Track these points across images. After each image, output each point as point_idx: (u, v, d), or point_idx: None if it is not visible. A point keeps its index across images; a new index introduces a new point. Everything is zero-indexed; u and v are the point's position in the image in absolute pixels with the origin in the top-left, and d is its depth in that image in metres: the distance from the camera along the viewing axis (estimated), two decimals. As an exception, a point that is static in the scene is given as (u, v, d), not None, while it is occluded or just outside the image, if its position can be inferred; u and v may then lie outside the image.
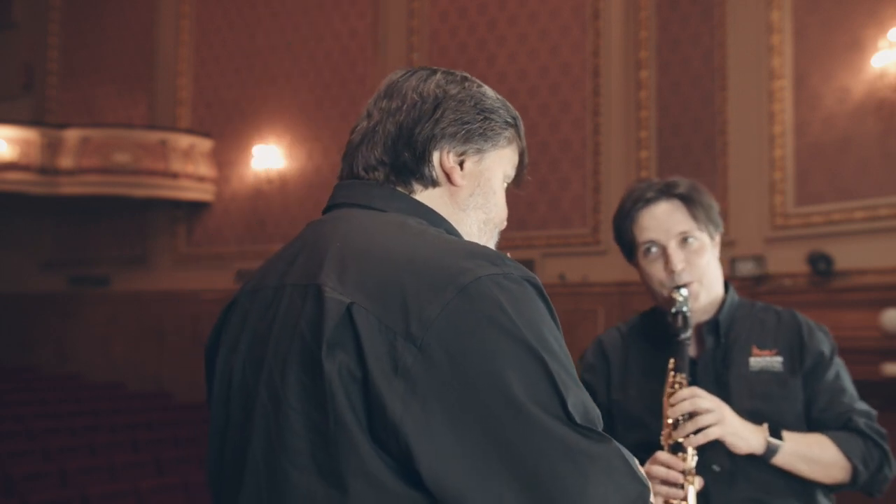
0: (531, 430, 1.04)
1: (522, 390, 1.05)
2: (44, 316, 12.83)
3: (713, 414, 1.87)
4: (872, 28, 7.14)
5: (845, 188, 7.29)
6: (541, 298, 1.15)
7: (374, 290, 1.11)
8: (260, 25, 11.77)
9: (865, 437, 1.96)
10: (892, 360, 6.46)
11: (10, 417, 8.68)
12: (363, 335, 1.08)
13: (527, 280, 1.15)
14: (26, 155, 11.38)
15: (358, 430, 1.08)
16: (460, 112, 1.32)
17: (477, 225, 1.35)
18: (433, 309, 1.08)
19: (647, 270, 2.09)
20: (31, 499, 6.35)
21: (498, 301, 1.09)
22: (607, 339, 2.22)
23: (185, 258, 12.10)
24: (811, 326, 2.08)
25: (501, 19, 9.93)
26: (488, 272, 1.11)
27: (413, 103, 1.32)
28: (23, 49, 13.39)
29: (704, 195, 2.10)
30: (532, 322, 1.10)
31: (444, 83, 1.34)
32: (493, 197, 1.37)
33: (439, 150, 1.31)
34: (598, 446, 1.07)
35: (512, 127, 1.38)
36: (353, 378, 1.08)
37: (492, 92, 1.39)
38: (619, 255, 2.29)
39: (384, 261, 1.14)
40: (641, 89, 8.97)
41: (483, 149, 1.34)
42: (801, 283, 7.27)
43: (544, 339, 1.10)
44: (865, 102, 7.17)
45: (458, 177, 1.32)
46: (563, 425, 1.05)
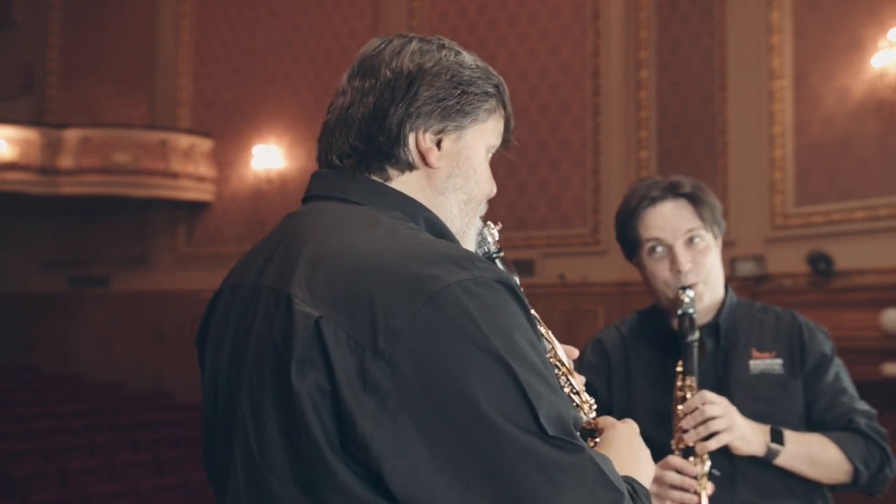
0: (502, 444, 1.02)
1: (492, 404, 1.03)
2: (44, 316, 12.83)
3: (724, 420, 1.87)
4: (872, 28, 7.14)
5: (845, 188, 7.29)
6: (515, 300, 1.12)
7: (342, 302, 1.08)
8: (260, 25, 11.77)
9: (866, 438, 1.96)
10: (892, 360, 6.46)
11: (10, 417, 8.68)
12: (332, 351, 1.06)
13: (499, 282, 1.11)
14: (26, 155, 11.38)
15: (328, 447, 1.06)
16: (436, 87, 1.26)
17: (457, 206, 1.30)
18: (401, 321, 1.05)
19: (651, 270, 2.07)
20: (31, 499, 6.35)
21: (466, 310, 1.05)
22: (607, 337, 2.21)
23: (185, 258, 12.10)
24: (811, 328, 2.08)
25: (501, 19, 9.93)
26: (457, 278, 1.07)
27: (386, 81, 1.25)
28: (23, 49, 13.39)
29: (710, 195, 2.09)
30: (503, 329, 1.07)
31: (419, 55, 1.27)
32: (474, 175, 1.31)
33: (415, 130, 1.25)
34: (570, 457, 1.05)
35: (493, 96, 1.32)
36: (323, 394, 1.06)
37: (471, 59, 1.32)
38: (619, 255, 2.29)
39: (353, 267, 1.11)
40: (641, 89, 8.96)
41: (462, 125, 1.28)
42: (801, 283, 7.27)
43: (516, 346, 1.07)
44: (865, 102, 7.17)
45: (434, 158, 1.27)
46: (535, 437, 1.03)
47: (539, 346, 1.12)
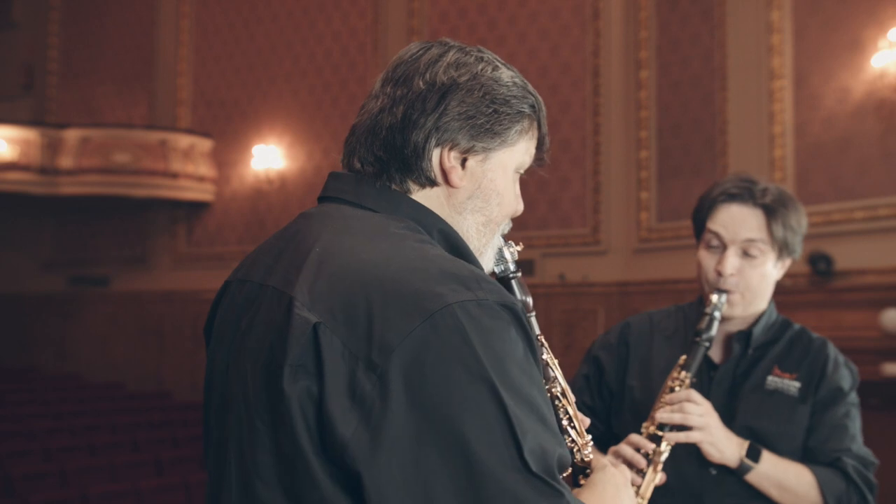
0: (480, 477, 0.99)
1: (476, 434, 1.00)
2: (44, 316, 12.83)
3: (700, 418, 1.88)
4: (872, 28, 7.14)
5: (845, 188, 7.29)
6: (517, 327, 1.08)
7: (341, 310, 1.07)
8: (260, 25, 11.77)
9: (849, 481, 1.93)
10: (892, 360, 6.46)
11: (10, 417, 8.68)
12: (325, 358, 1.05)
13: (503, 306, 1.07)
14: (26, 155, 11.38)
15: (313, 455, 1.05)
16: (467, 104, 1.22)
17: (475, 227, 1.27)
18: (396, 336, 1.02)
19: (701, 260, 2.06)
20: (31, 499, 6.34)
21: (464, 332, 1.02)
22: (635, 324, 2.19)
23: (185, 258, 12.10)
24: (838, 361, 2.05)
25: (501, 19, 9.93)
26: (459, 298, 1.04)
27: (418, 93, 1.22)
28: (23, 49, 13.39)
29: (793, 215, 2.02)
30: (499, 356, 1.04)
31: (455, 68, 1.23)
32: (497, 198, 1.27)
33: (440, 146, 1.22)
34: (548, 501, 1.01)
35: (528, 116, 1.27)
36: (311, 401, 1.05)
37: (509, 75, 1.26)
38: (619, 255, 2.29)
39: (356, 276, 1.09)
40: (641, 89, 8.96)
41: (490, 146, 1.24)
42: (801, 283, 7.27)
43: (509, 375, 1.03)
44: (865, 102, 7.17)
45: (456, 178, 1.24)
46: (516, 474, 1.00)
47: (537, 377, 1.09)
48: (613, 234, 9.00)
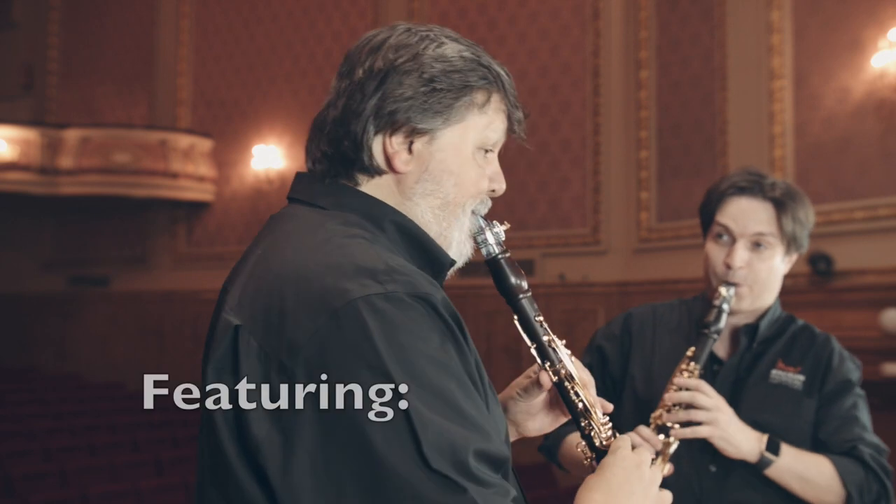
0: (382, 475, 0.97)
1: (376, 431, 0.98)
2: (44, 316, 12.83)
3: (707, 413, 1.87)
4: (872, 28, 7.14)
5: (845, 188, 7.29)
6: (434, 317, 1.05)
7: (261, 311, 1.07)
8: (260, 25, 11.77)
9: (867, 468, 1.93)
10: (892, 360, 6.46)
11: (10, 417, 8.68)
12: (242, 360, 1.05)
13: (417, 297, 1.05)
14: (26, 155, 11.38)
15: (234, 456, 1.06)
16: (404, 87, 1.18)
17: (430, 212, 1.22)
18: (303, 336, 1.02)
19: (709, 252, 2.05)
20: (31, 499, 6.34)
21: (366, 327, 1.00)
22: (638, 315, 2.19)
23: (185, 258, 12.10)
24: (843, 355, 2.06)
25: (501, 19, 9.93)
26: (366, 293, 1.02)
27: (358, 83, 1.20)
28: (23, 49, 13.39)
29: (802, 209, 2.03)
30: (405, 348, 1.01)
31: (394, 51, 1.19)
32: (451, 178, 1.21)
33: (382, 134, 1.19)
34: (449, 497, 0.97)
35: (480, 89, 1.21)
36: (231, 403, 1.06)
37: (455, 49, 1.21)
38: (619, 255, 2.29)
39: (276, 277, 1.09)
40: (641, 89, 8.96)
41: (432, 127, 1.19)
42: (801, 283, 7.26)
43: (416, 367, 1.00)
44: (865, 102, 7.17)
45: (400, 163, 1.20)
46: (416, 470, 0.97)
47: (456, 367, 1.05)
48: (613, 234, 9.00)
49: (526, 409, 1.39)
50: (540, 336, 1.31)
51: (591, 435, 1.30)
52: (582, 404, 1.30)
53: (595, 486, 1.20)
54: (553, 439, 2.09)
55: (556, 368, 1.30)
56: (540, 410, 1.39)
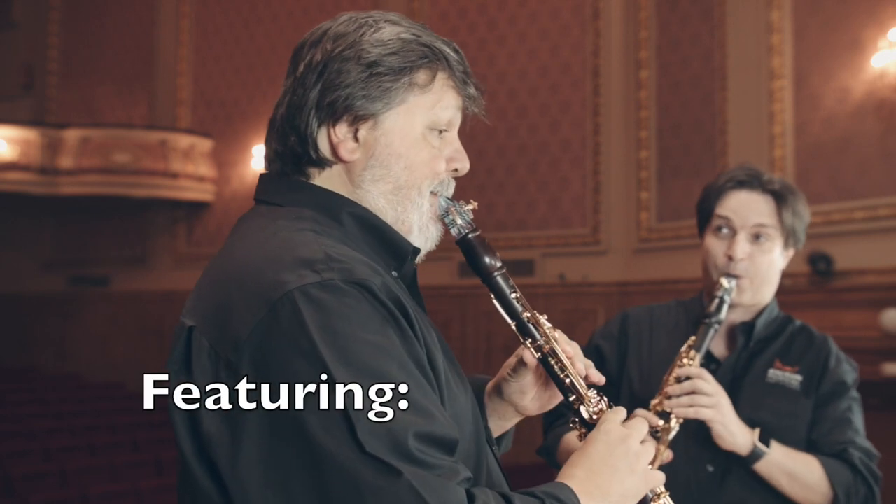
0: (321, 463, 0.98)
1: (314, 420, 0.99)
2: (44, 316, 12.83)
3: (710, 398, 1.87)
4: (872, 28, 7.14)
5: (845, 188, 7.29)
6: (372, 302, 1.05)
7: (210, 311, 1.09)
8: (260, 25, 11.77)
9: (856, 472, 1.93)
10: (892, 360, 6.45)
11: (10, 417, 8.68)
12: (194, 360, 1.07)
13: (355, 283, 1.05)
14: (26, 155, 11.37)
15: (191, 455, 1.08)
16: (343, 75, 1.17)
17: (383, 198, 1.21)
18: (244, 330, 1.03)
19: (709, 246, 2.05)
20: (31, 499, 6.34)
21: (300, 317, 1.01)
22: (634, 315, 2.20)
23: (185, 258, 12.10)
24: (840, 357, 2.06)
25: (501, 19, 9.93)
26: (301, 283, 1.03)
27: (300, 78, 1.21)
28: (23, 49, 13.39)
29: (800, 204, 2.05)
30: (340, 335, 1.01)
31: (332, 41, 1.20)
32: (400, 161, 1.20)
33: (325, 125, 1.19)
34: (383, 480, 0.97)
35: (420, 68, 1.19)
36: (187, 403, 1.07)
37: (393, 32, 1.20)
38: (619, 255, 2.29)
39: (224, 276, 1.11)
40: (641, 89, 8.96)
41: (374, 111, 1.18)
42: (801, 283, 7.26)
43: (352, 353, 1.01)
44: (865, 102, 7.17)
45: (345, 152, 1.20)
46: (352, 455, 0.98)
47: (397, 351, 1.05)
48: (613, 234, 9.00)
49: (519, 389, 1.37)
50: (519, 313, 1.28)
51: (580, 409, 1.27)
52: (568, 379, 1.27)
53: (577, 462, 1.18)
54: (552, 440, 2.09)
55: (538, 344, 1.28)
56: (533, 388, 1.37)
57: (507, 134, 9.70)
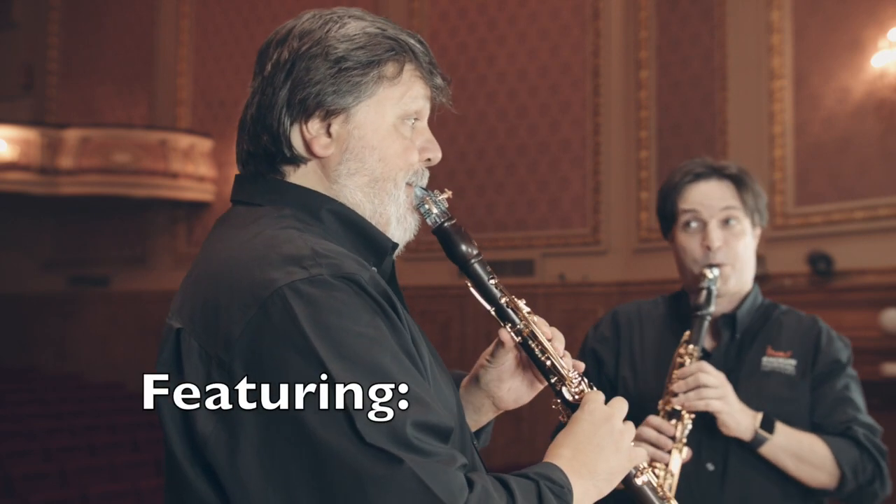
0: (322, 456, 0.99)
1: (311, 413, 0.99)
2: (44, 316, 12.83)
3: (717, 390, 1.87)
4: (872, 28, 7.14)
5: (845, 188, 7.29)
6: (362, 296, 1.06)
7: (199, 312, 1.09)
8: (260, 25, 11.76)
9: (862, 448, 1.93)
10: (892, 360, 6.45)
11: (10, 417, 8.68)
12: (185, 361, 1.07)
13: (342, 277, 1.06)
14: (26, 155, 11.37)
15: (182, 456, 1.08)
16: (311, 72, 1.18)
17: (360, 191, 1.22)
18: (236, 329, 1.04)
19: (682, 244, 2.06)
20: (31, 499, 6.35)
21: (291, 313, 1.02)
22: (623, 312, 2.20)
23: (185, 258, 12.09)
24: (831, 334, 2.06)
25: (501, 19, 9.93)
26: (290, 279, 1.04)
27: (268, 78, 1.21)
28: (23, 49, 13.39)
29: (755, 183, 2.09)
30: (333, 329, 1.02)
31: (298, 39, 1.20)
32: (373, 153, 1.21)
33: (297, 122, 1.20)
34: (385, 469, 0.98)
35: (389, 61, 1.21)
36: (177, 405, 1.07)
37: (358, 27, 1.21)
38: (619, 255, 2.29)
39: (210, 277, 1.11)
40: (641, 89, 8.96)
41: (344, 106, 1.19)
42: (801, 283, 7.26)
43: (346, 347, 1.02)
44: (865, 102, 7.17)
45: (319, 148, 1.20)
46: (352, 446, 0.99)
47: (388, 342, 1.06)
48: (613, 234, 8.99)
49: (497, 376, 1.38)
50: (497, 298, 1.31)
51: (562, 390, 1.29)
52: (549, 361, 1.30)
53: (563, 442, 1.21)
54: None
55: (517, 328, 1.31)
56: (511, 376, 1.39)
57: (507, 134, 9.70)
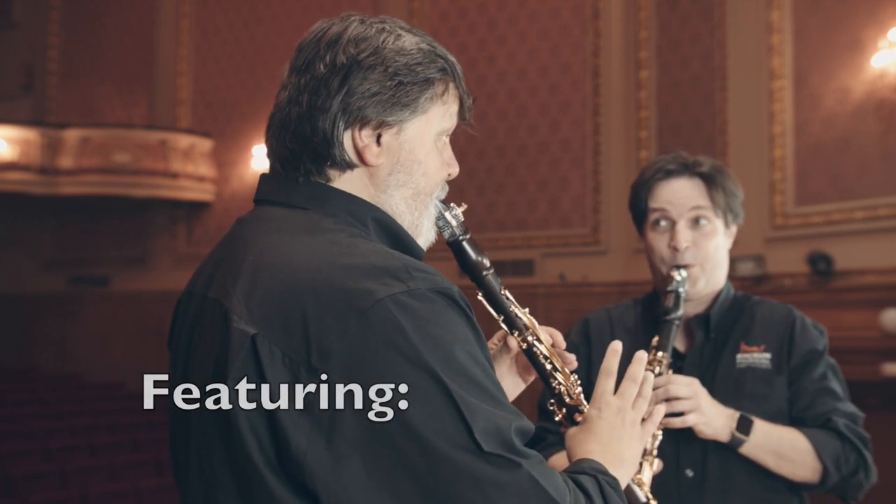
0: (436, 463, 1.01)
1: (425, 423, 1.01)
2: (44, 316, 12.83)
3: (689, 402, 1.84)
4: (872, 28, 7.14)
5: (845, 188, 7.29)
6: (456, 309, 1.09)
7: (277, 318, 1.07)
8: (260, 25, 11.77)
9: (844, 439, 1.90)
10: (892, 360, 6.46)
11: (10, 417, 8.68)
12: (266, 368, 1.05)
13: (438, 292, 1.08)
14: (26, 155, 11.38)
15: (265, 466, 1.06)
16: (370, 81, 1.19)
17: (404, 202, 1.25)
18: (333, 339, 1.03)
19: (651, 243, 2.02)
20: (31, 499, 6.35)
21: (399, 325, 1.03)
22: (594, 319, 2.16)
23: (185, 258, 12.09)
24: (805, 323, 2.02)
25: (501, 19, 9.93)
26: (390, 292, 1.04)
27: (321, 78, 1.20)
28: (23, 49, 13.39)
29: (730, 181, 2.03)
30: (438, 342, 1.04)
31: (354, 45, 1.21)
32: (419, 167, 1.24)
33: (350, 128, 1.20)
34: (506, 473, 1.02)
35: (439, 80, 1.24)
36: (259, 413, 1.05)
37: (413, 41, 1.23)
38: (619, 255, 2.28)
39: (288, 282, 1.09)
40: (641, 89, 8.96)
41: (401, 119, 1.21)
42: (801, 283, 7.26)
43: (452, 358, 1.04)
44: (865, 102, 7.17)
45: (371, 156, 1.21)
46: (470, 455, 1.01)
47: (480, 356, 1.09)
48: (613, 234, 8.99)
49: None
50: (507, 308, 1.41)
51: (561, 392, 1.40)
52: (551, 365, 1.40)
53: (587, 439, 1.33)
54: None
55: (524, 336, 1.40)
56: (505, 376, 1.47)
57: (507, 134, 9.70)
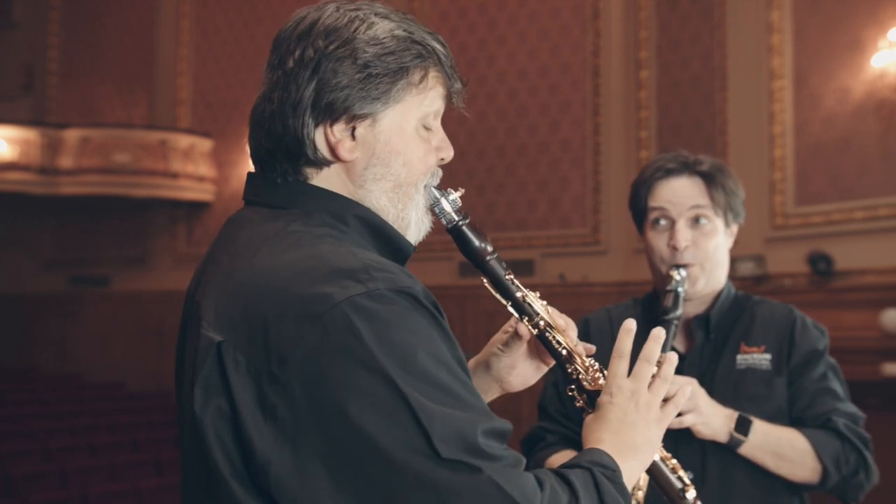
0: (395, 472, 0.98)
1: (381, 429, 0.98)
2: (44, 316, 12.83)
3: (687, 402, 1.83)
4: (872, 28, 7.14)
5: (845, 188, 7.29)
6: (419, 309, 1.05)
7: (241, 325, 1.05)
8: (260, 25, 11.77)
9: (844, 439, 1.89)
10: (892, 360, 6.45)
11: (10, 417, 8.68)
12: (231, 376, 1.04)
13: (399, 292, 1.04)
14: (26, 155, 11.38)
15: (230, 475, 1.05)
16: (339, 74, 1.14)
17: (385, 196, 1.20)
18: (290, 345, 1.01)
19: (651, 242, 2.02)
20: (31, 499, 6.35)
21: (355, 330, 0.99)
22: (594, 319, 2.15)
23: (185, 258, 12.09)
24: (805, 323, 2.01)
25: (501, 19, 9.93)
26: (348, 294, 1.01)
27: (291, 74, 1.16)
28: (23, 49, 13.39)
29: (730, 179, 2.02)
30: (398, 345, 1.01)
31: (324, 37, 1.16)
32: (399, 158, 1.19)
33: (322, 124, 1.16)
34: (466, 479, 0.98)
35: (417, 67, 1.18)
36: (224, 420, 1.04)
37: (387, 29, 1.18)
38: (619, 255, 2.28)
39: (251, 289, 1.07)
40: (641, 89, 8.96)
41: (373, 111, 1.16)
42: (801, 283, 7.26)
43: (412, 362, 1.00)
44: (865, 102, 7.17)
45: (344, 151, 1.17)
46: (428, 461, 0.98)
47: (446, 355, 1.05)
48: (613, 234, 8.99)
49: (509, 364, 1.41)
50: (513, 293, 1.33)
51: (580, 378, 1.34)
52: (565, 350, 1.34)
53: (598, 427, 1.26)
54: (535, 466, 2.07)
55: (535, 321, 1.34)
56: (521, 363, 1.42)
57: (507, 134, 9.70)
